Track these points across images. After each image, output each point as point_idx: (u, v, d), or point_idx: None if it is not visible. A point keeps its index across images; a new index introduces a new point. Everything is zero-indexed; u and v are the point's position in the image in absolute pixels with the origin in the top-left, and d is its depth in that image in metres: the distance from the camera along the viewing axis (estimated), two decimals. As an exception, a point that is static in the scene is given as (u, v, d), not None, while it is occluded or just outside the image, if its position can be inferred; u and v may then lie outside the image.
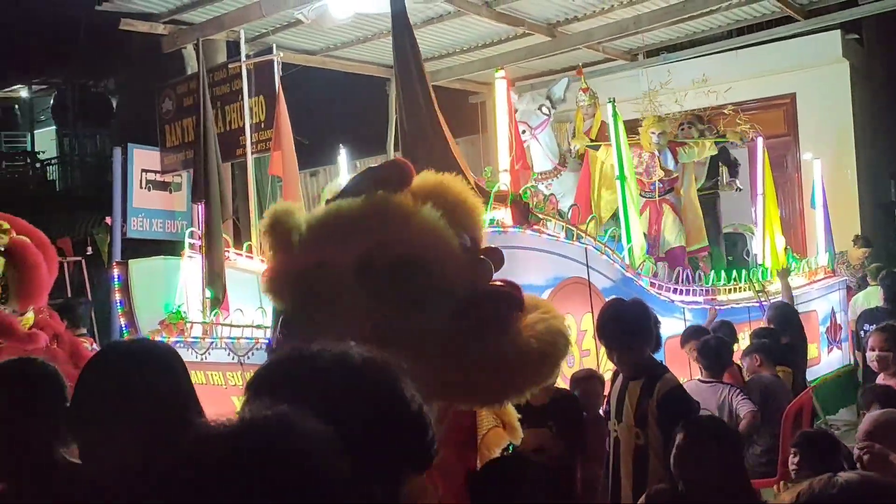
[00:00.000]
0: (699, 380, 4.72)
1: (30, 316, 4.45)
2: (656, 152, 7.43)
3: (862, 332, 6.91)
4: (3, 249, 4.34)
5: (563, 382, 4.03)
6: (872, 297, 7.78)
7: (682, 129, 7.97)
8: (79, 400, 1.87)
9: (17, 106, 21.97)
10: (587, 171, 7.67)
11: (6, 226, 4.46)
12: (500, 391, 1.98)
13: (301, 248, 1.94)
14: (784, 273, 6.76)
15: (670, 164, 7.63)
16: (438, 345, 1.83)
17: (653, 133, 7.43)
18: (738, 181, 8.31)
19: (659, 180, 7.53)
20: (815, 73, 9.97)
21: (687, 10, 8.28)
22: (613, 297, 3.99)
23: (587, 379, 4.16)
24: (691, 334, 5.13)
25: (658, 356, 3.72)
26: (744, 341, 5.74)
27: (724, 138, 7.86)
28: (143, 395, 1.79)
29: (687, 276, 6.14)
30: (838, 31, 9.77)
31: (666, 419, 3.20)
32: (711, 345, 4.74)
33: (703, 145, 7.70)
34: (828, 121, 10.00)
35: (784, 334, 5.65)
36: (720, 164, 8.15)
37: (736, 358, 5.15)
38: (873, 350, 4.12)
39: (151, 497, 1.03)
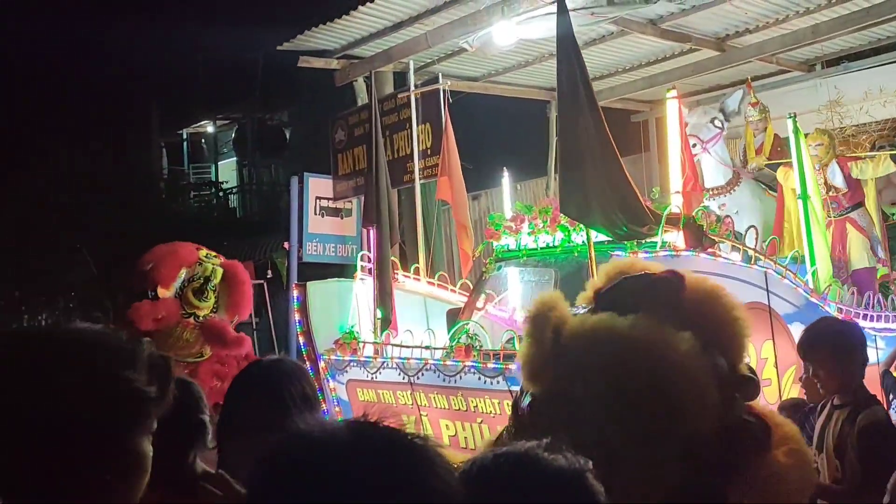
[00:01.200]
0: None
1: (230, 330, 4.88)
2: (817, 166, 6.94)
3: None
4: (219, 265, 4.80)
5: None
6: None
7: (879, 149, 7.43)
8: (224, 406, 2.16)
9: (203, 140, 23.97)
10: (782, 200, 7.26)
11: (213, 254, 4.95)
12: None
13: (562, 350, 2.04)
14: None
15: (838, 181, 7.08)
16: (666, 476, 1.86)
17: (810, 145, 6.94)
18: None
19: (834, 198, 7.04)
20: None
21: (871, 16, 7.70)
22: (824, 316, 3.73)
23: (794, 407, 3.93)
24: None
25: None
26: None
27: None
28: (268, 402, 2.04)
29: (878, 300, 5.68)
30: None
31: (865, 451, 2.98)
32: None
33: (878, 159, 7.11)
34: None
35: None
36: None
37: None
38: None
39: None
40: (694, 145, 6.89)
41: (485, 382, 4.97)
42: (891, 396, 5.03)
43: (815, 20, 7.97)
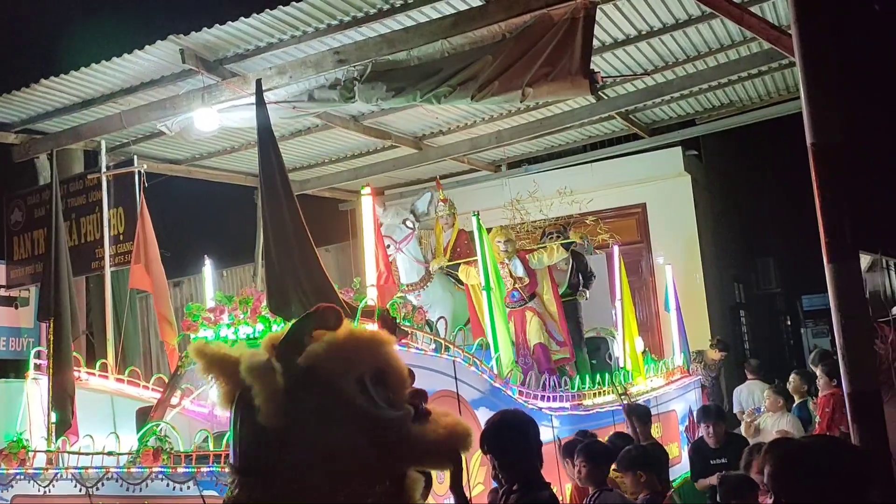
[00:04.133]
0: (606, 490, 4.34)
1: None
2: (506, 260, 7.64)
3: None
4: None
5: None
6: (756, 388, 8.50)
7: (547, 238, 8.31)
8: None
9: None
10: (470, 294, 7.76)
11: None
12: None
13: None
14: (627, 395, 6.97)
15: (520, 272, 7.82)
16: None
17: (499, 242, 7.63)
18: (587, 292, 8.58)
19: (515, 289, 7.70)
20: (661, 185, 10.77)
21: (544, 126, 8.80)
22: (500, 410, 3.97)
23: None
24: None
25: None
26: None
27: (568, 240, 8.21)
28: None
29: (554, 382, 6.26)
30: (679, 148, 10.65)
31: None
32: (596, 449, 4.53)
33: (551, 250, 8.00)
34: (675, 229, 10.75)
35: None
36: (577, 272, 8.48)
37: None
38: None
39: None
40: (388, 246, 7.19)
41: (174, 489, 4.59)
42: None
43: (498, 127, 8.92)
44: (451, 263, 7.93)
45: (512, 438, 3.39)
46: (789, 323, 18.85)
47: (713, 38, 7.18)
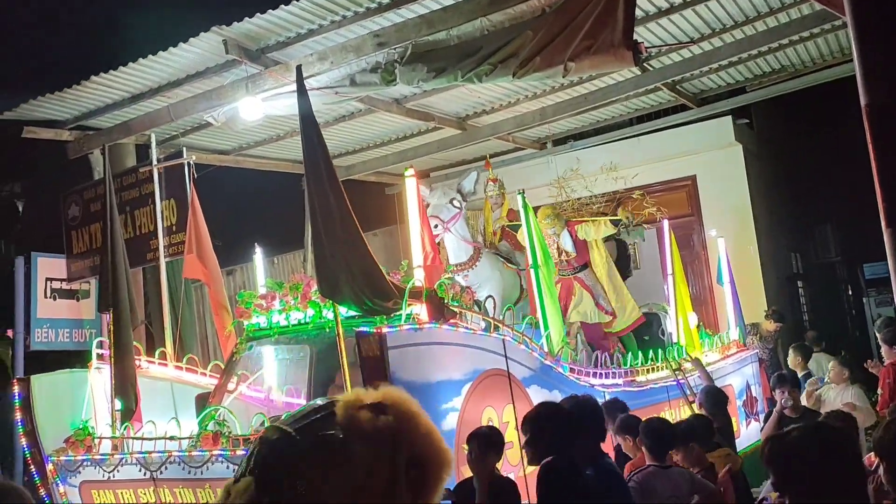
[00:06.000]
0: (657, 466, 4.22)
1: None
2: (555, 238, 7.66)
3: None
4: None
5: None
6: (822, 361, 8.37)
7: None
8: None
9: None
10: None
11: None
12: None
13: None
14: (697, 362, 6.92)
15: (568, 247, 7.82)
16: None
17: (548, 227, 7.65)
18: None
19: (561, 260, 7.73)
20: (711, 156, 10.52)
21: (588, 101, 8.66)
22: (545, 401, 4.02)
23: None
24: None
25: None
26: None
27: (616, 217, 8.14)
28: None
29: (606, 359, 6.21)
30: (729, 117, 10.38)
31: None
32: (654, 426, 4.42)
33: (598, 224, 7.94)
34: (727, 200, 10.51)
35: (715, 418, 5.65)
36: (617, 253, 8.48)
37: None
38: None
39: None
40: (436, 226, 7.19)
41: (234, 471, 4.69)
42: None
43: (542, 104, 8.81)
44: (511, 224, 7.92)
45: (544, 427, 3.45)
46: (850, 293, 18.31)
47: (761, 1, 6.96)
